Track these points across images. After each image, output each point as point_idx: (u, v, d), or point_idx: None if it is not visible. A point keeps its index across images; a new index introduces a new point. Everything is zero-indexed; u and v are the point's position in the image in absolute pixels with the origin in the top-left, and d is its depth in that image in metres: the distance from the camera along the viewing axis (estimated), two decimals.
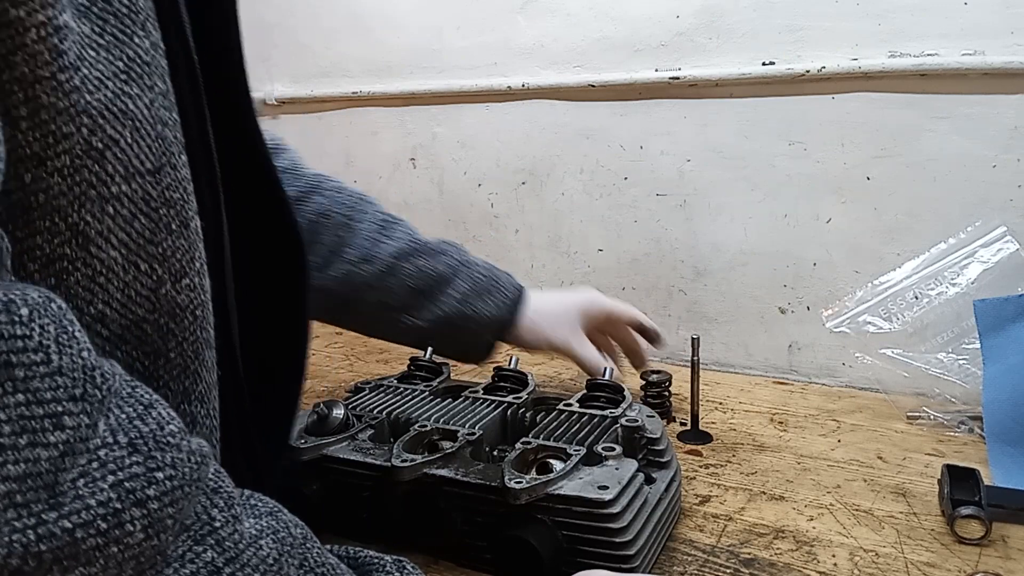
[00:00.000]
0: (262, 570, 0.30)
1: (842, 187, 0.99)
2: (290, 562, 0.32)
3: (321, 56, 1.38)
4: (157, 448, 0.27)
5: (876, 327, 0.90)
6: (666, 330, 1.13)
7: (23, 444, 0.23)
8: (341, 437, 0.60)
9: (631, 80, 1.09)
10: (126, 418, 0.27)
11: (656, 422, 0.63)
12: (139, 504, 0.26)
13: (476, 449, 0.59)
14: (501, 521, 0.51)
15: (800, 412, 0.88)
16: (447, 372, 0.78)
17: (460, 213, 1.29)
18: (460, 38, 1.23)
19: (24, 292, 0.25)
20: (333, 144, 1.40)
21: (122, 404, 0.27)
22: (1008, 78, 0.89)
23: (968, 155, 0.92)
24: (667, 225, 1.11)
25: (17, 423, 0.23)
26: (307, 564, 0.33)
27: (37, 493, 0.23)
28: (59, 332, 0.25)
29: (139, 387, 0.29)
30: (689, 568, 0.55)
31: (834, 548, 0.58)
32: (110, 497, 0.25)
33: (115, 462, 0.26)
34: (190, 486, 0.28)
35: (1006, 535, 0.59)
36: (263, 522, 0.32)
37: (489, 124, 1.23)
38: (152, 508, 0.26)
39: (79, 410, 0.25)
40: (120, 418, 0.27)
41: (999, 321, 0.79)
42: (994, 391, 0.77)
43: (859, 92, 0.97)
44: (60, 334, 0.25)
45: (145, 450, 0.27)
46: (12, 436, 0.23)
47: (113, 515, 0.25)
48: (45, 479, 0.23)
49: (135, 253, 0.32)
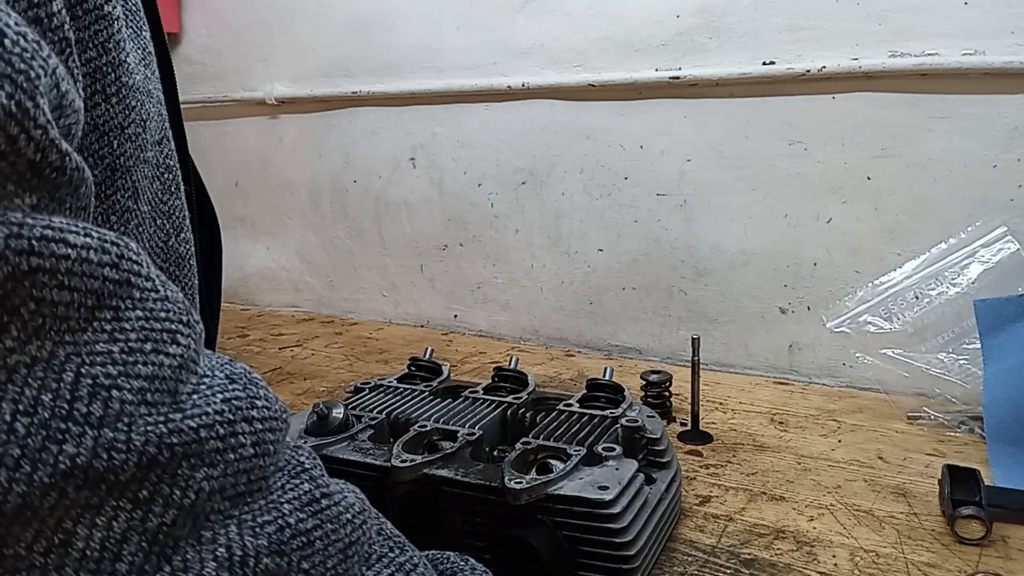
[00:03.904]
0: (351, 514, 0.32)
1: (842, 187, 0.99)
2: (370, 523, 0.34)
3: (321, 56, 1.38)
4: (251, 384, 0.30)
5: (876, 327, 0.90)
6: (666, 330, 1.14)
7: (148, 350, 0.26)
8: (341, 437, 0.60)
9: (631, 80, 1.09)
10: (216, 360, 0.30)
11: (656, 422, 0.63)
12: (247, 421, 0.29)
13: (476, 449, 0.58)
14: (501, 521, 0.51)
15: (800, 412, 0.88)
16: (447, 372, 0.78)
17: (460, 213, 1.29)
18: (460, 38, 1.23)
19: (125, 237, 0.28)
20: (333, 144, 1.40)
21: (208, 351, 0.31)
22: (1008, 78, 0.89)
23: (968, 155, 0.92)
24: (667, 225, 1.11)
25: (141, 332, 0.26)
26: (384, 533, 0.35)
27: (163, 396, 0.26)
28: (158, 271, 0.29)
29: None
30: (689, 568, 0.55)
31: (834, 548, 0.58)
32: (222, 409, 0.28)
33: (219, 386, 0.28)
34: (281, 423, 0.31)
35: (1006, 535, 0.59)
36: (341, 483, 0.34)
37: (489, 124, 1.23)
38: (257, 428, 0.29)
39: (188, 333, 0.28)
40: (213, 358, 0.30)
41: (999, 321, 0.79)
42: (994, 391, 0.77)
43: (859, 92, 0.97)
44: (159, 273, 0.29)
45: (242, 383, 0.30)
46: (139, 342, 0.26)
47: (228, 424, 0.28)
48: (168, 384, 0.26)
49: (155, 209, 0.39)
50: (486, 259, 1.28)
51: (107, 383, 0.24)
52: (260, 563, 0.27)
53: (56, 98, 0.25)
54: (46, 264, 0.23)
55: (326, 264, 1.46)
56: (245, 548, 0.27)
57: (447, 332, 1.32)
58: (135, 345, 0.26)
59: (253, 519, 0.28)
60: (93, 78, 0.32)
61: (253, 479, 0.29)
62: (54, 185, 0.25)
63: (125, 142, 0.34)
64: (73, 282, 0.24)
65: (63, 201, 0.25)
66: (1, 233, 0.22)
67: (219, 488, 0.27)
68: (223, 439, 0.27)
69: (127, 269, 0.26)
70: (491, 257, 1.28)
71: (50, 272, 0.23)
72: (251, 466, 0.28)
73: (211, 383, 0.28)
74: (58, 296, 0.24)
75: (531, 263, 1.24)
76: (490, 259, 1.28)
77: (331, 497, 0.32)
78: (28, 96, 0.23)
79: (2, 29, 0.22)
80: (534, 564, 0.49)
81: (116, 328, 0.25)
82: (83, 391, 0.24)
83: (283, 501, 0.30)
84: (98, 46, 0.32)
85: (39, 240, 0.23)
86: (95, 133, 0.33)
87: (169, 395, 0.26)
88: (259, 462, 0.29)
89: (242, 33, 1.46)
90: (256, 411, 0.29)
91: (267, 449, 0.29)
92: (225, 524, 0.27)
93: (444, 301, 1.34)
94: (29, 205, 0.24)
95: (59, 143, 0.24)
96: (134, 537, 0.24)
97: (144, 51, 0.38)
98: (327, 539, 0.30)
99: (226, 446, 0.27)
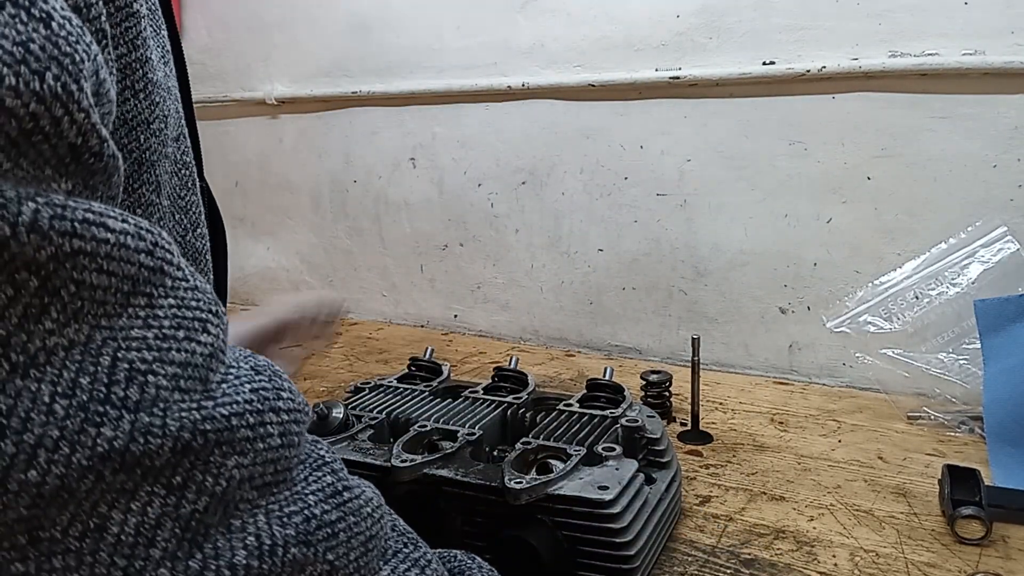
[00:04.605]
0: (371, 508, 0.33)
1: (842, 187, 0.99)
2: (387, 519, 0.34)
3: (321, 56, 1.38)
4: (276, 375, 0.31)
5: (876, 327, 0.90)
6: (666, 330, 1.14)
7: (181, 337, 0.26)
8: (341, 437, 0.60)
9: (631, 80, 1.09)
10: (241, 352, 0.31)
11: (656, 422, 0.63)
12: (274, 411, 0.29)
13: (476, 449, 0.58)
14: (501, 521, 0.51)
15: (800, 412, 0.88)
16: (447, 372, 0.78)
17: (460, 213, 1.29)
18: (460, 38, 1.23)
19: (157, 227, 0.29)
20: (333, 144, 1.40)
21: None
22: (1008, 78, 0.89)
23: (968, 155, 0.92)
24: (667, 225, 1.11)
25: (173, 320, 0.26)
26: (397, 529, 0.36)
27: (196, 382, 0.26)
28: (187, 263, 0.29)
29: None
30: (689, 568, 0.55)
31: (834, 548, 0.58)
32: (251, 399, 0.28)
33: (247, 376, 0.29)
34: (304, 415, 0.31)
35: (1006, 535, 0.59)
36: (357, 479, 0.34)
37: (489, 124, 1.23)
38: (284, 419, 0.29)
39: (217, 322, 0.28)
40: (236, 350, 0.30)
41: (999, 321, 0.79)
42: (994, 391, 0.77)
43: (859, 92, 0.97)
44: (188, 264, 0.29)
45: (267, 374, 0.30)
46: (172, 329, 0.26)
47: (257, 413, 0.28)
48: (200, 372, 0.27)
49: (174, 204, 0.40)
50: (486, 259, 1.28)
51: (143, 368, 0.25)
52: (288, 552, 0.28)
53: (95, 85, 0.25)
54: (87, 247, 0.23)
55: (326, 264, 1.46)
56: (274, 537, 0.27)
57: (447, 332, 1.32)
58: (168, 332, 0.26)
59: (280, 509, 0.28)
60: (123, 73, 0.33)
61: (279, 469, 0.29)
62: (90, 171, 0.25)
63: (150, 137, 0.35)
64: (111, 266, 0.24)
65: (96, 189, 0.26)
66: (46, 214, 0.22)
67: (248, 477, 0.27)
68: (253, 428, 0.28)
69: (161, 257, 0.27)
70: (491, 257, 1.28)
71: (91, 255, 0.23)
72: (278, 456, 0.29)
73: (238, 373, 0.29)
74: (97, 280, 0.24)
75: (531, 263, 1.23)
76: (490, 259, 1.28)
77: (352, 490, 0.32)
78: (73, 79, 0.23)
79: (49, 12, 0.23)
80: (534, 564, 0.49)
81: (150, 315, 0.26)
82: (120, 375, 0.24)
83: (307, 492, 0.30)
84: (128, 42, 0.32)
85: (81, 223, 0.23)
86: (124, 128, 0.33)
87: (201, 383, 0.26)
88: (285, 452, 0.29)
89: (242, 33, 1.46)
90: (282, 402, 0.30)
91: (292, 440, 0.30)
92: (254, 513, 0.27)
93: (444, 301, 1.34)
94: (64, 191, 0.24)
95: (99, 129, 0.25)
96: (168, 523, 0.25)
97: (163, 49, 0.39)
98: (350, 531, 0.31)
99: (255, 435, 0.28)
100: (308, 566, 0.28)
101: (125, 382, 0.24)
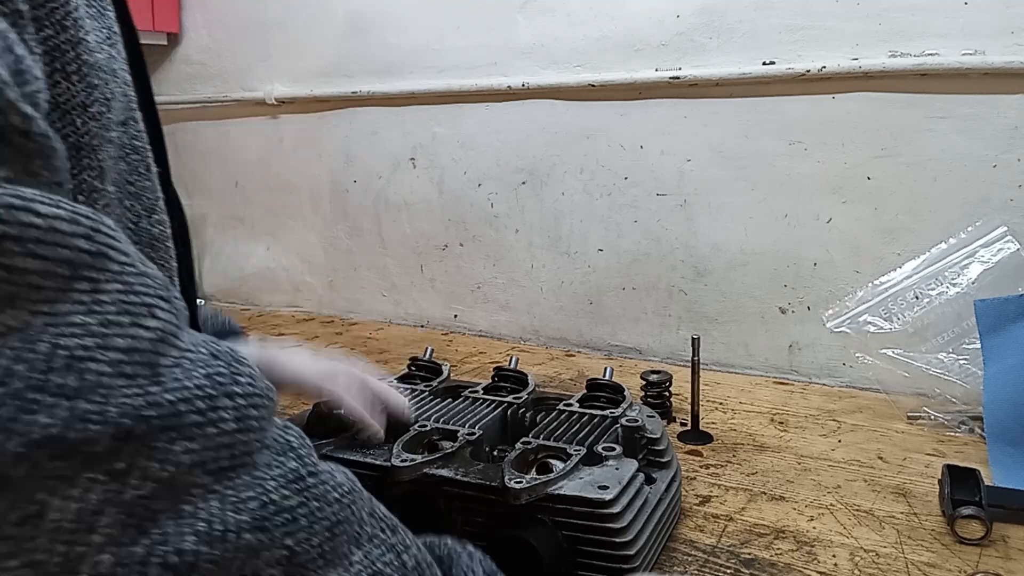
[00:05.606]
0: (339, 493, 0.32)
1: (842, 187, 0.99)
2: (360, 503, 0.34)
3: (321, 56, 1.38)
4: (236, 361, 0.30)
5: (876, 327, 0.90)
6: (666, 330, 1.14)
7: (126, 323, 0.26)
8: (341, 437, 0.60)
9: (631, 80, 1.09)
10: (201, 338, 0.30)
11: (656, 422, 0.63)
12: (229, 396, 0.29)
13: (476, 449, 0.58)
14: (501, 521, 0.51)
15: (800, 412, 0.88)
16: (447, 372, 0.78)
17: (460, 213, 1.29)
18: (460, 38, 1.23)
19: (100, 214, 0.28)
20: (333, 144, 1.40)
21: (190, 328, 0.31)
22: (1008, 78, 0.89)
23: (968, 155, 0.92)
24: (667, 225, 1.11)
25: (119, 305, 0.26)
26: (376, 515, 0.35)
27: (141, 368, 0.26)
28: (135, 249, 0.29)
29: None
30: (689, 568, 0.55)
31: (834, 548, 0.58)
32: (203, 384, 0.28)
33: (202, 362, 0.29)
34: (266, 400, 0.31)
35: (1006, 535, 0.59)
36: (331, 465, 0.34)
37: (489, 124, 1.23)
38: (239, 403, 0.29)
39: (167, 307, 0.28)
40: (198, 336, 0.30)
41: (999, 321, 0.79)
42: (994, 391, 0.77)
43: (859, 92, 0.97)
44: (138, 251, 0.29)
45: (226, 359, 0.30)
46: (116, 315, 0.26)
47: (208, 399, 0.28)
48: (147, 357, 0.26)
49: (121, 190, 0.39)
50: (486, 259, 1.28)
51: (83, 355, 0.25)
52: (241, 538, 0.27)
53: (12, 63, 0.25)
54: (12, 231, 0.23)
55: (326, 264, 1.46)
56: (226, 522, 0.27)
57: (447, 332, 1.32)
58: (113, 318, 0.26)
59: (236, 494, 0.28)
60: (52, 56, 0.32)
61: (236, 454, 0.29)
62: (24, 154, 0.25)
63: (89, 121, 0.34)
64: (43, 251, 0.24)
65: (37, 175, 0.26)
66: None
67: (200, 462, 0.27)
68: (203, 413, 0.27)
69: (102, 242, 0.26)
70: (491, 257, 1.28)
71: (16, 239, 0.24)
72: (233, 441, 0.28)
73: (194, 358, 0.28)
74: (27, 264, 0.24)
75: (531, 263, 1.24)
76: (490, 259, 1.28)
77: (318, 476, 0.31)
78: None
79: None
80: (534, 564, 0.49)
81: (94, 300, 0.26)
82: (58, 362, 0.24)
83: (268, 477, 0.29)
84: (55, 24, 0.32)
85: (5, 208, 0.23)
86: (57, 112, 0.33)
87: (147, 368, 0.26)
88: (242, 437, 0.29)
89: (242, 33, 1.46)
90: (239, 387, 0.29)
91: (250, 425, 0.29)
92: (207, 498, 0.27)
93: (444, 301, 1.34)
94: (2, 178, 0.24)
95: (20, 106, 0.24)
96: (110, 509, 0.25)
97: (109, 31, 0.38)
98: (312, 517, 0.30)
99: (206, 420, 0.27)
100: (264, 551, 0.28)
101: (63, 369, 0.24)
